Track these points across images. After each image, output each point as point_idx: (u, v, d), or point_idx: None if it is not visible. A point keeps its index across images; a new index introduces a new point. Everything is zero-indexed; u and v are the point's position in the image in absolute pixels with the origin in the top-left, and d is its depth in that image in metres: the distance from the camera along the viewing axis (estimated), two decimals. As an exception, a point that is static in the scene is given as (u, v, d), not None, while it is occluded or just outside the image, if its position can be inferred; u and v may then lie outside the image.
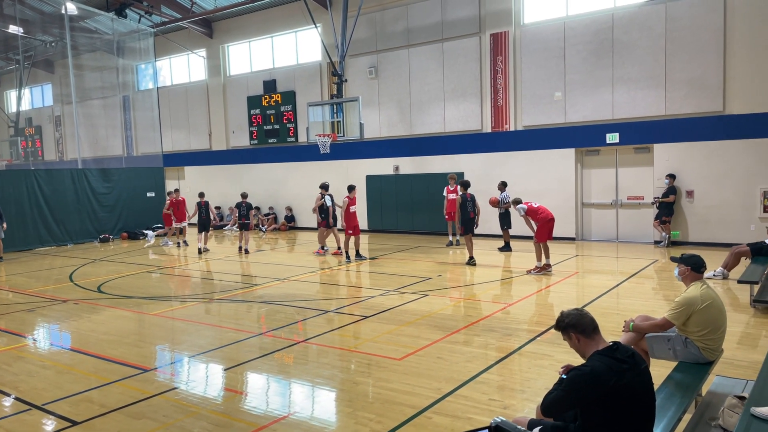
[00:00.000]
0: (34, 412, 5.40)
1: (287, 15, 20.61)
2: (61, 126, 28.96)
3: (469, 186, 13.21)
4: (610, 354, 3.40)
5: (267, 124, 22.02)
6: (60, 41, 23.14)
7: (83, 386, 6.02)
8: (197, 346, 7.43)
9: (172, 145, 24.98)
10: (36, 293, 11.28)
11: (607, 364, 3.33)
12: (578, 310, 3.62)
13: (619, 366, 3.32)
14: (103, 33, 23.03)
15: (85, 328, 8.48)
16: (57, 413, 5.34)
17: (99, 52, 23.89)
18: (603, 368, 3.31)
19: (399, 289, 10.41)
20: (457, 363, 6.36)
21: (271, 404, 5.57)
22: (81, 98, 22.63)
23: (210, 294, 10.85)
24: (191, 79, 24.62)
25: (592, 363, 3.39)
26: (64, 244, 19.08)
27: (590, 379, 3.29)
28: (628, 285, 10.24)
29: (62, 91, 27.31)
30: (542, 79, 16.07)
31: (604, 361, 3.36)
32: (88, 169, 20.49)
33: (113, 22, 21.98)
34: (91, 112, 24.41)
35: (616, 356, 3.38)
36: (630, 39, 14.73)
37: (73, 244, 19.28)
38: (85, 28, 22.76)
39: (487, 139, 17.14)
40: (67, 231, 19.31)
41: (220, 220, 23.24)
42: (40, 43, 25.17)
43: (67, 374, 6.48)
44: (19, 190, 18.14)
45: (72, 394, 5.77)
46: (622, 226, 15.62)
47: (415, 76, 18.28)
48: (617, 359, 3.36)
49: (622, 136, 15.07)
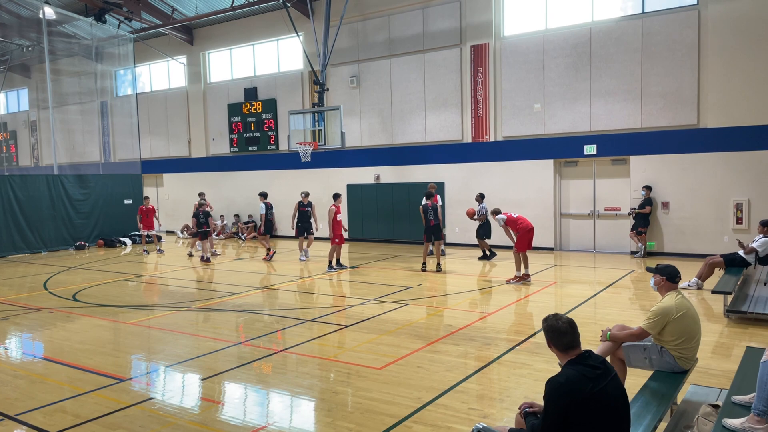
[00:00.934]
0: (6, 423, 5.27)
1: (269, 23, 20.60)
2: (37, 131, 28.49)
3: (430, 196, 13.32)
4: (582, 362, 3.44)
5: (248, 132, 21.92)
6: (37, 45, 22.82)
7: (57, 396, 5.90)
8: (174, 355, 7.33)
9: (151, 151, 24.71)
10: (9, 301, 11.04)
11: (581, 372, 3.37)
12: (557, 321, 3.60)
13: (592, 372, 3.37)
14: (81, 38, 22.74)
15: (60, 337, 8.32)
16: (30, 424, 5.23)
17: (77, 57, 23.57)
18: (577, 376, 3.34)
19: (379, 298, 10.41)
20: (437, 372, 6.37)
21: (250, 414, 5.52)
22: (58, 103, 22.33)
23: (188, 302, 10.73)
24: (171, 85, 24.43)
25: (566, 372, 3.42)
26: (38, 252, 18.72)
27: (566, 387, 3.32)
28: (605, 295, 10.37)
29: (39, 96, 26.87)
30: (522, 90, 16.28)
31: (577, 369, 3.40)
32: (64, 175, 20.16)
33: (92, 27, 21.75)
34: (68, 118, 24.07)
35: (588, 363, 3.42)
36: (607, 53, 15.01)
37: (48, 251, 18.93)
38: (64, 33, 22.46)
39: (468, 150, 17.28)
40: (41, 238, 18.95)
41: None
42: (16, 47, 24.78)
43: (40, 384, 6.35)
44: (-8, 196, 17.79)
45: (46, 405, 5.66)
46: (599, 237, 15.84)
47: (397, 86, 18.39)
48: (590, 366, 3.41)
49: (600, 147, 15.31)
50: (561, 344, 3.55)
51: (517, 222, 11.66)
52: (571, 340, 3.53)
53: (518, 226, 11.62)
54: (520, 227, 11.61)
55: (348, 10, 17.52)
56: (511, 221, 11.71)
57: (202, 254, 15.78)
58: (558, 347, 3.58)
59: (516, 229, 11.67)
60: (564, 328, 3.56)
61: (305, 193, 15.61)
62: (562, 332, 3.55)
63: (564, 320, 3.60)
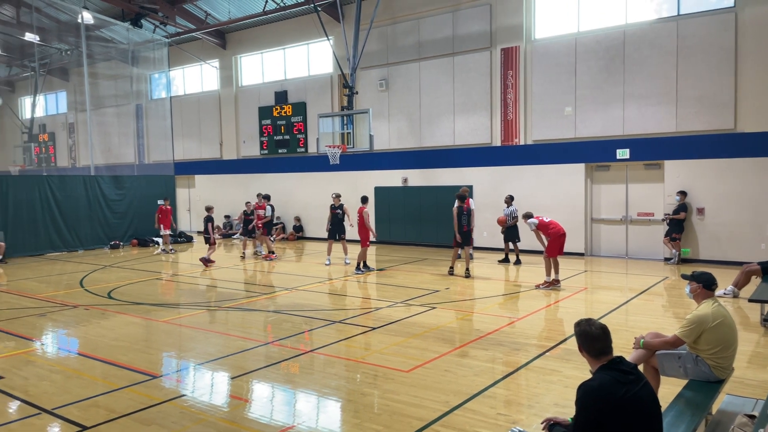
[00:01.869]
0: (43, 416, 5.43)
1: (300, 27, 20.82)
2: (75, 133, 29.28)
3: (464, 199, 13.10)
4: (615, 367, 3.42)
5: (278, 135, 22.17)
6: (75, 50, 23.48)
7: (92, 391, 6.05)
8: (205, 353, 7.46)
9: (184, 153, 25.18)
10: (47, 298, 11.37)
11: (614, 377, 3.34)
12: (590, 327, 3.57)
13: (625, 378, 3.34)
14: (118, 42, 23.33)
15: (95, 334, 8.53)
16: (67, 418, 5.37)
17: (114, 61, 24.21)
18: (610, 381, 3.32)
19: (406, 301, 10.41)
20: (465, 376, 6.34)
21: (278, 413, 5.58)
22: (95, 106, 22.92)
23: (218, 302, 10.88)
24: (204, 89, 24.87)
25: (599, 377, 3.40)
26: (75, 250, 19.22)
27: (599, 392, 3.30)
28: (637, 302, 10.19)
29: (76, 99, 27.66)
30: (553, 93, 16.12)
31: (610, 374, 3.38)
32: (101, 176, 20.68)
33: (128, 32, 22.28)
34: (104, 120, 24.69)
35: (621, 368, 3.40)
36: (641, 56, 14.76)
37: (84, 250, 19.42)
38: (101, 37, 23.08)
39: (497, 153, 17.17)
40: (78, 237, 19.46)
41: (230, 228, 23.35)
42: (55, 51, 25.53)
43: (76, 379, 6.52)
44: (32, 196, 18.34)
45: (81, 399, 5.80)
46: (631, 243, 15.56)
47: (426, 89, 18.39)
48: (623, 371, 3.38)
49: (633, 152, 15.06)
50: (593, 350, 3.53)
51: (548, 227, 11.49)
52: (603, 345, 3.51)
53: (550, 230, 11.46)
54: (551, 232, 11.45)
55: (378, 13, 17.60)
56: (542, 225, 11.55)
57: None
58: (590, 353, 3.55)
59: (547, 233, 11.51)
60: (597, 334, 3.53)
61: (336, 194, 15.58)
62: (594, 337, 3.53)
63: (597, 326, 3.57)
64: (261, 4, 19.90)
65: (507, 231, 15.00)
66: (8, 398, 5.91)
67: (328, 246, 15.55)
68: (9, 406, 5.75)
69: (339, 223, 15.15)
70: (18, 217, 17.93)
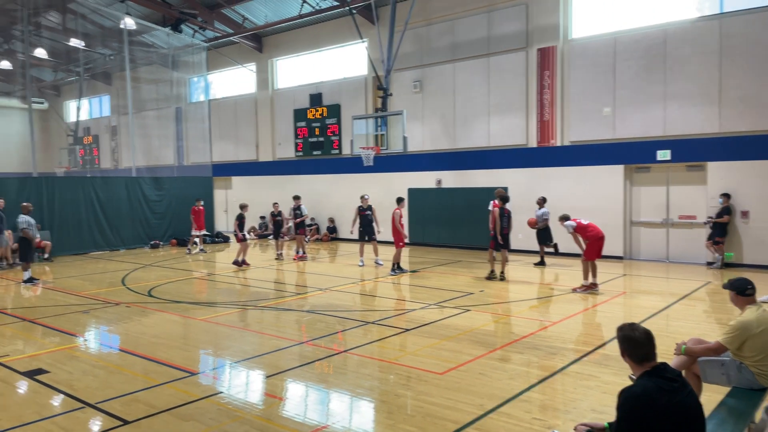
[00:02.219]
0: (87, 410, 5.60)
1: (335, 30, 20.99)
2: (117, 135, 30.14)
3: (507, 200, 12.95)
4: (658, 374, 3.36)
5: (312, 137, 22.39)
6: (118, 54, 24.16)
7: (133, 387, 6.22)
8: (241, 351, 7.58)
9: (221, 155, 25.65)
10: (90, 296, 11.72)
11: (657, 384, 3.29)
12: (634, 332, 3.51)
13: (669, 385, 3.28)
14: (159, 47, 23.95)
15: (136, 331, 8.76)
16: (109, 412, 5.53)
17: (154, 66, 24.84)
18: (654, 388, 3.27)
19: (440, 303, 10.37)
20: (500, 380, 6.29)
21: (311, 413, 5.63)
22: (136, 109, 23.55)
23: (254, 301, 11.04)
24: (241, 92, 25.29)
25: (642, 383, 3.35)
26: (117, 249, 19.77)
27: (643, 398, 3.24)
28: (678, 307, 9.93)
29: (119, 103, 28.50)
30: (590, 94, 15.85)
31: (653, 380, 3.32)
32: (142, 178, 21.24)
33: (169, 37, 22.86)
34: (145, 123, 25.37)
35: (665, 375, 3.34)
36: (683, 54, 14.39)
37: (126, 249, 19.97)
38: (143, 42, 23.73)
39: (533, 154, 16.97)
40: (120, 236, 20.02)
41: (265, 229, 23.66)
42: (99, 56, 26.35)
43: (118, 374, 6.71)
44: (76, 196, 18.95)
45: (123, 394, 5.97)
46: (672, 246, 15.17)
47: (460, 91, 18.30)
48: (667, 378, 3.32)
49: (674, 153, 14.69)
50: (636, 355, 3.47)
51: (587, 229, 11.26)
52: (647, 351, 3.45)
53: (588, 233, 11.23)
54: (590, 235, 11.22)
55: (413, 15, 17.61)
56: (581, 228, 11.32)
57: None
58: (633, 358, 3.49)
59: (586, 236, 11.28)
60: (641, 339, 3.47)
61: (365, 196, 15.68)
62: (638, 343, 3.47)
63: (641, 330, 3.51)
64: (297, 7, 20.14)
65: (540, 233, 14.80)
66: (54, 392, 6.12)
67: (360, 247, 15.59)
68: (54, 399, 5.95)
69: (369, 224, 15.22)
70: (64, 216, 18.56)
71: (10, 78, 29.31)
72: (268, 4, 21.25)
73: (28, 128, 19.99)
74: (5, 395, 6.06)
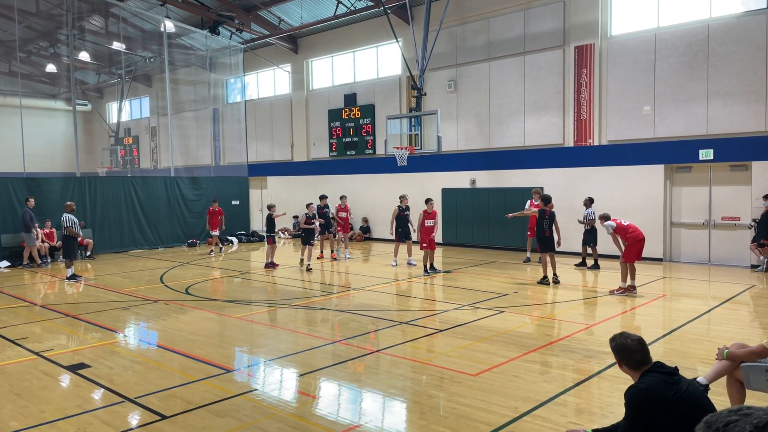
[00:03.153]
0: (126, 404, 5.74)
1: (369, 30, 21.04)
2: (156, 136, 30.86)
3: (549, 201, 12.58)
4: (658, 370, 3.56)
5: (346, 137, 22.50)
6: (158, 57, 24.75)
7: (170, 382, 6.35)
8: (275, 349, 7.66)
9: (257, 155, 26.00)
10: (130, 292, 12.03)
11: (660, 379, 3.47)
12: (626, 340, 3.69)
13: (671, 379, 3.48)
14: (197, 49, 24.43)
15: (173, 328, 8.95)
16: (147, 406, 5.66)
17: (193, 67, 25.36)
18: (658, 383, 3.44)
19: (473, 304, 10.29)
20: (535, 383, 6.20)
21: (344, 411, 5.65)
22: (175, 110, 24.08)
23: (288, 300, 11.15)
24: (276, 92, 25.59)
25: (646, 380, 3.51)
26: (155, 247, 20.24)
27: (650, 393, 3.39)
28: (721, 311, 9.62)
29: (158, 104, 29.16)
30: (630, 92, 15.50)
31: (656, 376, 3.51)
32: (180, 177, 21.69)
33: (207, 39, 23.29)
34: (183, 124, 25.91)
35: (664, 371, 3.55)
36: (727, 51, 13.94)
37: (164, 247, 20.42)
38: (181, 45, 24.25)
39: (569, 154, 16.69)
40: (158, 235, 20.49)
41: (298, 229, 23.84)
42: (140, 58, 27.02)
43: (156, 370, 6.86)
44: (118, 195, 19.49)
45: (161, 390, 6.10)
46: (714, 248, 14.71)
47: (495, 90, 18.13)
48: (668, 373, 3.53)
49: (717, 152, 14.24)
50: (633, 362, 3.64)
51: (627, 230, 10.97)
52: (642, 356, 3.63)
53: (628, 234, 10.95)
54: (630, 236, 10.93)
55: (448, 14, 17.51)
56: (620, 229, 11.03)
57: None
58: (630, 365, 3.66)
59: (625, 237, 11.01)
60: (634, 346, 3.65)
61: (405, 196, 15.48)
62: (632, 350, 3.64)
63: (633, 338, 3.69)
64: (332, 8, 20.27)
65: (585, 234, 14.50)
66: (95, 386, 6.30)
67: (395, 247, 15.55)
68: (95, 393, 6.12)
69: (407, 224, 15.21)
70: (105, 215, 19.10)
71: (56, 81, 30.35)
72: (303, 5, 21.43)
73: (73, 129, 20.62)
74: (49, 388, 6.27)
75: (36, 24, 24.69)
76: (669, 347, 7.58)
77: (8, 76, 28.58)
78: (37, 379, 6.52)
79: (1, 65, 29.24)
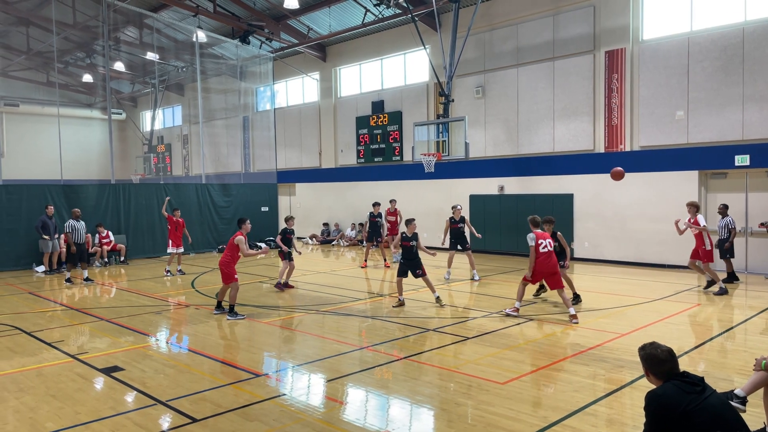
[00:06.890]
0: (158, 407, 5.85)
1: (397, 37, 21.12)
2: (188, 144, 31.45)
3: (551, 222, 11.03)
4: (680, 378, 3.57)
5: (374, 144, 22.58)
6: (190, 66, 25.25)
7: (201, 386, 6.44)
8: (303, 355, 7.71)
9: (285, 162, 26.28)
10: (162, 297, 12.25)
11: (678, 386, 3.49)
12: (656, 350, 3.71)
13: (691, 388, 3.46)
14: (228, 58, 24.87)
15: (204, 332, 9.08)
16: (179, 409, 5.75)
17: (224, 76, 25.83)
18: (674, 390, 3.47)
19: (502, 311, 10.19)
20: (564, 392, 6.11)
21: (371, 418, 5.66)
22: (206, 119, 24.52)
23: (316, 305, 11.21)
24: (305, 100, 25.86)
25: (664, 386, 3.57)
26: (186, 253, 20.54)
27: (664, 398, 3.43)
28: (758, 320, 9.34)
29: (190, 112, 29.78)
30: (662, 97, 15.22)
31: (674, 383, 3.53)
32: (210, 184, 22.05)
33: (237, 48, 23.70)
34: (214, 132, 26.38)
35: (686, 380, 3.54)
36: (763, 54, 13.60)
37: (195, 253, 20.74)
38: (212, 54, 24.71)
39: (600, 160, 16.45)
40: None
41: (327, 235, 24.04)
42: (173, 68, 27.61)
43: (187, 374, 6.97)
44: (150, 202, 19.90)
45: (191, 393, 6.20)
46: (752, 256, 14.30)
47: (524, 96, 18.00)
48: (689, 382, 3.52)
49: (754, 158, 13.87)
50: (660, 372, 3.65)
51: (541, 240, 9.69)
52: (670, 367, 3.63)
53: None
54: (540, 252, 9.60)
55: (475, 20, 17.47)
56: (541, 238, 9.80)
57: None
58: (657, 375, 3.67)
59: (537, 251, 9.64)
60: (663, 356, 3.66)
61: (458, 206, 14.15)
62: (661, 360, 3.66)
63: (663, 348, 3.71)
64: (360, 16, 20.42)
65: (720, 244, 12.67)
66: (128, 389, 6.43)
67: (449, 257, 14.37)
68: (128, 395, 6.24)
69: (461, 235, 14.14)
70: (138, 221, 19.53)
71: (92, 90, 31.20)
72: (332, 14, 21.64)
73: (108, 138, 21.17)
74: (84, 390, 6.42)
75: (73, 35, 25.45)
76: (704, 357, 7.39)
77: (46, 86, 29.52)
78: (73, 381, 6.68)
79: (39, 76, 30.23)
